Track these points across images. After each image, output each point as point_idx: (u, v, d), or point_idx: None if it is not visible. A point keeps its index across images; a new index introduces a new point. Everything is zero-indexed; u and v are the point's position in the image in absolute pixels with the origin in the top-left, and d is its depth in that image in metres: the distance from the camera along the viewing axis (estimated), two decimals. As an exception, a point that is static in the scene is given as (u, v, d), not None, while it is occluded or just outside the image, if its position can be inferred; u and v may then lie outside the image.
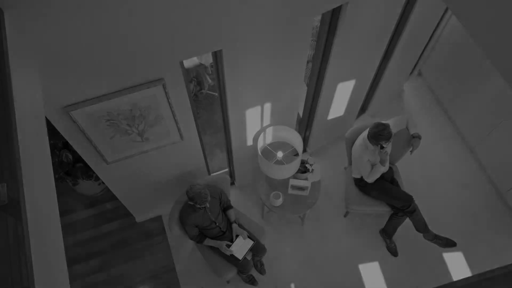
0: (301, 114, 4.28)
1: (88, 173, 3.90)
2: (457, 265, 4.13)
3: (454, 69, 4.63)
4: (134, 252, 4.21)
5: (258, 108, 3.32)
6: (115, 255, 4.19)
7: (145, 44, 2.22)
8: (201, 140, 3.48)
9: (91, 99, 2.45)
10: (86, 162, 3.05)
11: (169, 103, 2.74)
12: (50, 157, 1.82)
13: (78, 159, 3.82)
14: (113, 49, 2.17)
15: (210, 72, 4.95)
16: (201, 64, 4.86)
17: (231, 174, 4.45)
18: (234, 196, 4.48)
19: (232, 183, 4.56)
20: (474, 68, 4.30)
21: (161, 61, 2.41)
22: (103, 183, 4.35)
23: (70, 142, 2.77)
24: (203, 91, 5.05)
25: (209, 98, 5.20)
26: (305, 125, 4.32)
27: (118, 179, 3.44)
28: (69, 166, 3.79)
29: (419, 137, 3.68)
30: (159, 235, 4.31)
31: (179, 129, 3.06)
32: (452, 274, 4.09)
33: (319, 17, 2.99)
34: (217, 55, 2.68)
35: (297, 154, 4.15)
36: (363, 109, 4.95)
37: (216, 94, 5.02)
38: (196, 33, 2.31)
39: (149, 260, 4.17)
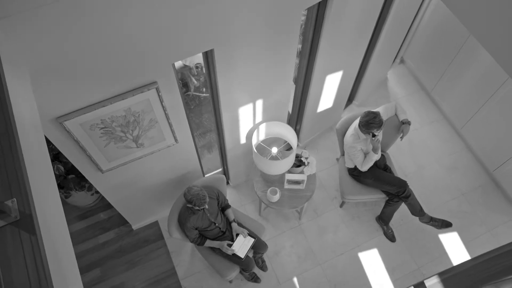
0: (290, 111, 4.29)
1: (80, 183, 3.83)
2: (454, 245, 4.22)
3: (436, 54, 4.71)
4: (134, 259, 4.16)
5: (250, 105, 3.32)
6: (114, 264, 4.13)
7: (138, 48, 2.19)
8: (194, 141, 3.46)
9: (84, 107, 2.40)
10: (81, 172, 2.99)
11: (163, 106, 2.71)
12: (51, 167, 1.78)
13: (69, 170, 3.75)
14: (106, 55, 2.13)
15: (196, 73, 4.92)
16: (185, 66, 4.83)
17: (225, 174, 4.44)
18: (229, 196, 4.47)
19: (227, 183, 4.54)
20: (455, 52, 4.39)
21: (154, 65, 2.39)
22: (96, 193, 4.28)
23: (64, 153, 2.71)
24: (189, 93, 5.01)
25: (195, 100, 5.16)
26: (295, 120, 4.33)
27: (114, 188, 3.38)
28: (61, 178, 3.72)
29: (408, 123, 3.73)
30: (157, 240, 4.27)
31: (173, 132, 3.03)
32: (449, 254, 4.18)
33: (305, 12, 3.00)
34: (208, 55, 2.66)
35: (290, 149, 4.17)
36: (350, 99, 5.01)
37: (202, 95, 5.01)
38: (188, 34, 2.29)
39: (150, 266, 4.13)
